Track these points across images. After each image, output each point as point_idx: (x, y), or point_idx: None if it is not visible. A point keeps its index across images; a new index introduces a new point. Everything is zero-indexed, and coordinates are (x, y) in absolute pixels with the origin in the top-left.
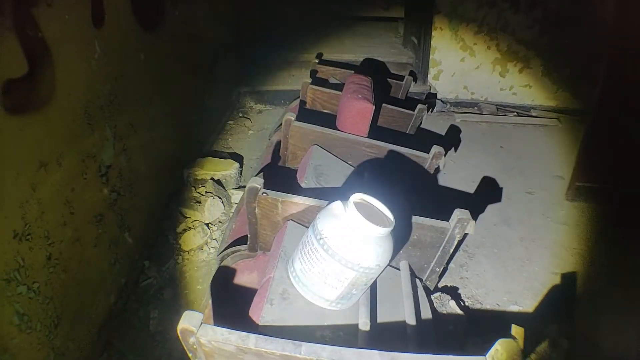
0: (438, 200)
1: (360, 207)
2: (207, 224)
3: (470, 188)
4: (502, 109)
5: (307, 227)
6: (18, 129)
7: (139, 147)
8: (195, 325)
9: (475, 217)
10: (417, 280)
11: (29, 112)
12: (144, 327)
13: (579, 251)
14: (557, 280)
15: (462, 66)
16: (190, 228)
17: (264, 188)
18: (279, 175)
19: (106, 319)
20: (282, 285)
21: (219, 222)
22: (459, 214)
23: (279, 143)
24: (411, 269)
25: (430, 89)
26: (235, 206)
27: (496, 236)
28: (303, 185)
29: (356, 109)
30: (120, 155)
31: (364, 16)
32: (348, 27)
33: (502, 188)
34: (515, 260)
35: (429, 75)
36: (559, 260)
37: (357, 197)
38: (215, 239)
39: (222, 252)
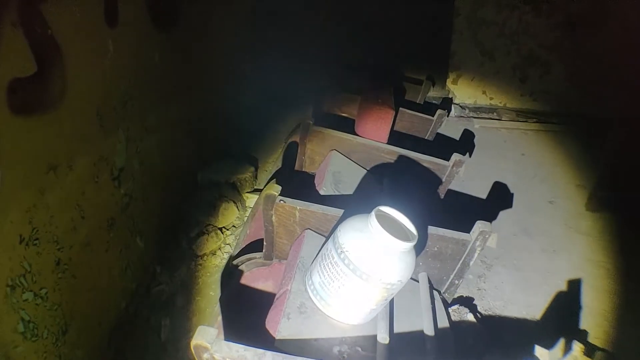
0: (457, 209)
1: (383, 220)
2: (220, 229)
3: (491, 196)
4: (521, 115)
5: (325, 237)
6: (26, 131)
7: (153, 150)
8: (209, 341)
9: (494, 226)
10: (436, 292)
11: (37, 113)
12: (155, 335)
13: (603, 264)
14: (580, 294)
15: (481, 71)
16: (203, 232)
17: (282, 195)
18: (296, 181)
19: (116, 326)
20: (300, 298)
21: (233, 226)
22: (480, 226)
23: (294, 146)
24: (429, 281)
25: (448, 94)
26: (249, 210)
27: (516, 247)
28: (321, 192)
29: (376, 114)
30: (133, 158)
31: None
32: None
33: (522, 196)
34: (536, 272)
35: (447, 80)
36: (582, 272)
37: (380, 210)
38: (229, 244)
39: (235, 258)
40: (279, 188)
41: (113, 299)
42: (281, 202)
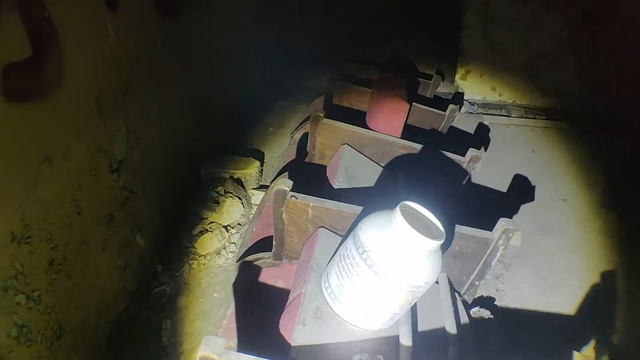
0: (471, 206)
1: (408, 216)
2: (225, 227)
3: (503, 193)
4: (531, 111)
5: (341, 235)
6: (19, 119)
7: (154, 142)
8: (217, 353)
9: None
10: (456, 294)
11: (32, 100)
12: (155, 338)
13: (620, 264)
14: (599, 295)
15: (491, 67)
16: (207, 230)
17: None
18: (305, 174)
19: (115, 329)
20: (315, 302)
21: (238, 224)
22: (504, 223)
23: (302, 140)
24: (450, 282)
25: (457, 89)
26: (255, 208)
27: (533, 245)
28: (335, 187)
29: (390, 107)
30: (133, 149)
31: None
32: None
33: (536, 194)
34: (555, 272)
35: (456, 75)
36: (599, 273)
37: (404, 205)
38: (233, 243)
39: (241, 257)
40: (291, 183)
41: (111, 300)
42: (293, 198)
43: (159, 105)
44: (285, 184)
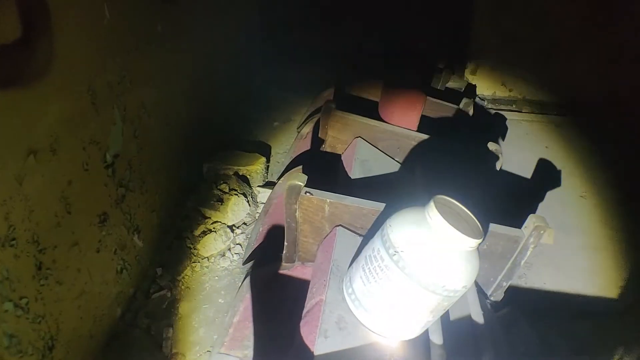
0: (490, 203)
1: (443, 212)
2: (230, 226)
3: (519, 189)
4: (542, 106)
5: (360, 235)
6: (4, 107)
7: (153, 134)
8: None
9: None
10: (482, 296)
11: (18, 86)
12: (156, 348)
13: None
14: (627, 295)
15: (501, 61)
16: (210, 231)
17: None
18: (316, 168)
19: (111, 338)
20: (337, 311)
21: (244, 224)
22: (535, 220)
23: (312, 134)
24: (477, 284)
25: (467, 84)
26: (262, 206)
27: (554, 244)
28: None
29: (406, 99)
30: (130, 142)
31: None
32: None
33: (553, 191)
34: (578, 271)
35: (465, 70)
36: (625, 273)
37: (439, 200)
38: (239, 244)
39: (248, 259)
40: (305, 177)
41: (106, 307)
42: (307, 194)
43: (158, 95)
44: (299, 178)
